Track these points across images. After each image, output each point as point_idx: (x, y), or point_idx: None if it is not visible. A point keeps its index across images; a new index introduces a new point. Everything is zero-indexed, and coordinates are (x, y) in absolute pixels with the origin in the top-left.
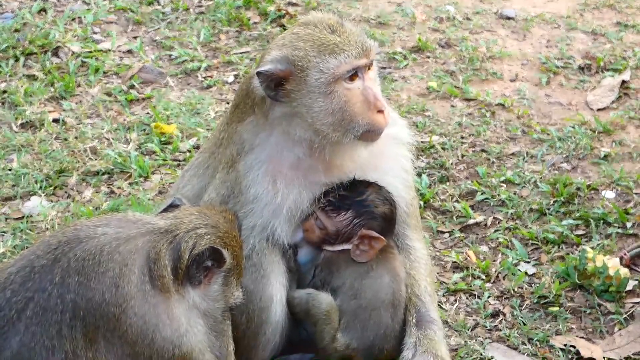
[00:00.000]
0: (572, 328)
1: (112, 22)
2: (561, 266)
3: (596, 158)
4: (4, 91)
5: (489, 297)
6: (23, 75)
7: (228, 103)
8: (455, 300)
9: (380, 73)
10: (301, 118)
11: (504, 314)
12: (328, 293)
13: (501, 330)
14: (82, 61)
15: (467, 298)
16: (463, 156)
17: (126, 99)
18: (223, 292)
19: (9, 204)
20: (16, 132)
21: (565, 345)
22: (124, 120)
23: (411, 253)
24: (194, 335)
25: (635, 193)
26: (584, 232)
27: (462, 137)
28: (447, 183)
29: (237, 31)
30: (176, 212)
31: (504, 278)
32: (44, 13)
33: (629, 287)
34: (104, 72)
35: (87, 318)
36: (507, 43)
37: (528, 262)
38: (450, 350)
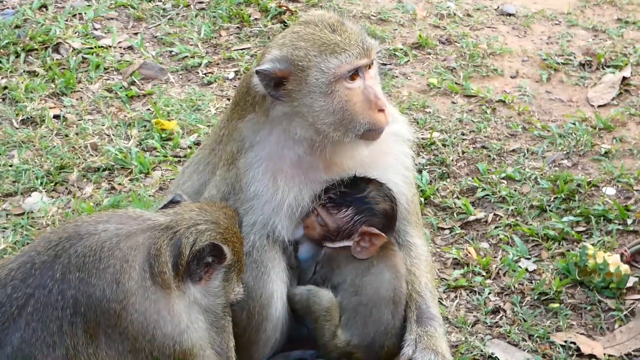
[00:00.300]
0: (573, 324)
1: (113, 19)
2: (562, 263)
3: (597, 155)
4: (5, 87)
5: (490, 294)
6: (24, 71)
7: (229, 99)
8: (455, 296)
9: (380, 70)
10: (302, 117)
11: (505, 311)
12: (329, 290)
13: (501, 326)
14: (83, 57)
15: (468, 294)
16: (464, 153)
17: (127, 95)
18: (224, 288)
19: (10, 200)
20: (17, 128)
21: (565, 341)
22: (125, 116)
23: (412, 250)
24: (195, 331)
25: (635, 190)
26: (585, 229)
27: (463, 134)
28: (448, 179)
29: (238, 27)
30: (177, 209)
31: (505, 274)
32: (45, 9)
33: (630, 284)
34: (105, 69)
35: (88, 314)
36: (508, 39)
37: (528, 259)
38: (450, 346)
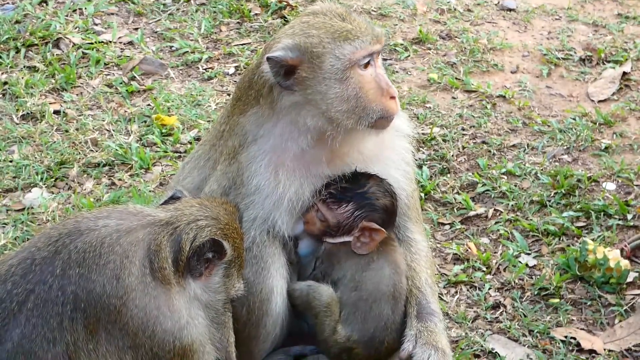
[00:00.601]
0: (573, 320)
1: (113, 14)
2: (562, 258)
3: (597, 150)
4: (5, 83)
5: (490, 289)
6: (24, 66)
7: (229, 95)
8: (455, 292)
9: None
10: (314, 106)
11: (505, 306)
12: (329, 285)
13: (502, 322)
14: (83, 53)
15: (468, 290)
16: (464, 148)
17: (127, 91)
18: (224, 284)
19: (10, 196)
20: (17, 124)
21: (565, 337)
22: (125, 111)
23: (412, 245)
24: (195, 327)
25: (635, 185)
26: (585, 224)
27: (463, 129)
28: (448, 175)
29: (238, 23)
30: (177, 204)
31: (505, 270)
32: (45, 4)
33: (630, 279)
34: (105, 64)
35: (88, 310)
36: (508, 35)
37: (529, 254)
38: (450, 341)
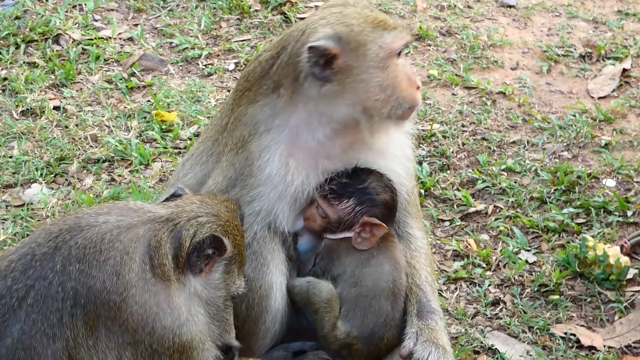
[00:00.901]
0: (573, 316)
1: (113, 10)
2: (562, 254)
3: (597, 146)
4: (5, 78)
5: (490, 286)
6: (24, 62)
7: (229, 91)
8: (455, 288)
9: None
10: (353, 95)
11: (505, 302)
12: (328, 281)
13: (501, 318)
14: (83, 49)
15: (468, 286)
16: (464, 144)
17: (127, 87)
18: (224, 281)
19: (10, 192)
20: (17, 120)
21: (565, 333)
22: (125, 107)
23: (411, 242)
24: (195, 324)
25: (635, 181)
26: (585, 221)
27: (463, 126)
28: (448, 171)
29: (238, 19)
30: (178, 201)
31: (505, 266)
32: (45, 0)
33: (630, 276)
34: (105, 60)
35: (88, 306)
36: (508, 31)
37: (528, 251)
38: (450, 338)
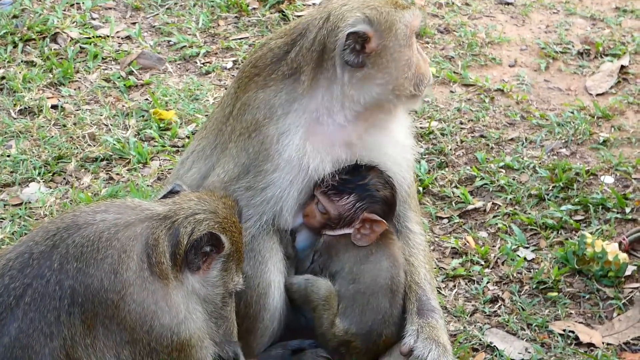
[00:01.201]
0: (571, 313)
1: (111, 8)
2: (560, 251)
3: (595, 143)
4: (2, 77)
5: (488, 283)
6: (21, 61)
7: (227, 89)
8: (454, 285)
9: None
10: (387, 74)
11: (503, 300)
12: (326, 279)
13: (500, 315)
14: (81, 47)
15: (466, 284)
16: (462, 142)
17: (125, 85)
18: (222, 278)
19: (8, 191)
20: (14, 119)
21: (564, 330)
22: (123, 106)
23: (410, 238)
24: (193, 322)
25: (634, 178)
26: (583, 218)
27: (461, 123)
28: (446, 169)
29: (236, 17)
30: (175, 198)
31: (503, 263)
32: None
33: (628, 272)
34: (103, 58)
35: (86, 304)
36: (506, 28)
37: (527, 248)
38: (449, 336)
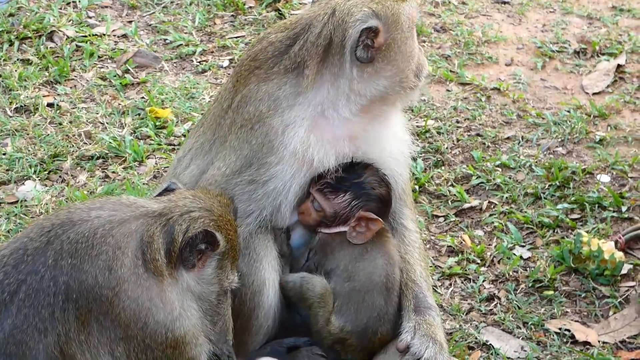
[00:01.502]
0: (567, 312)
1: (107, 7)
2: (556, 250)
3: (591, 142)
4: None
5: (484, 281)
6: (17, 59)
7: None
8: (450, 284)
9: None
10: (395, 67)
11: (499, 298)
12: (322, 276)
13: (496, 314)
14: (77, 45)
15: (462, 282)
16: (458, 140)
17: (121, 84)
18: (217, 276)
19: (3, 189)
20: (10, 117)
21: (560, 329)
22: (119, 104)
23: (405, 236)
24: (187, 319)
25: (630, 177)
26: (579, 216)
27: (458, 122)
28: (443, 167)
29: (232, 16)
30: (170, 196)
31: (499, 262)
32: None
33: (624, 271)
34: (99, 57)
35: (80, 301)
36: (503, 27)
37: (523, 246)
38: (445, 334)
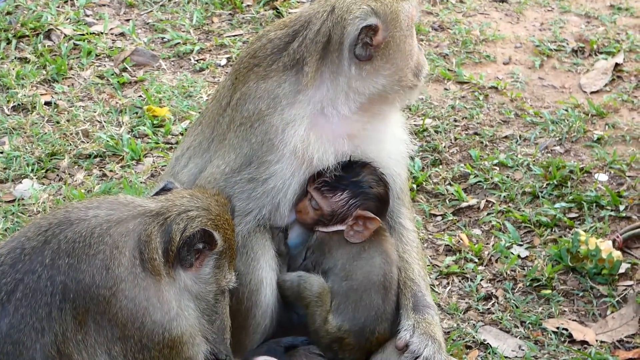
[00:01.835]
0: (565, 311)
1: (105, 5)
2: (554, 249)
3: (589, 141)
4: None
5: (482, 280)
6: (15, 57)
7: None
8: (448, 283)
9: None
10: (394, 66)
11: (497, 297)
12: (319, 275)
13: (494, 313)
14: (75, 44)
15: (460, 281)
16: (456, 139)
17: (118, 82)
18: (215, 275)
19: (0, 187)
20: (8, 115)
21: (557, 328)
22: (116, 103)
23: (403, 235)
24: (185, 319)
25: (628, 176)
26: (577, 215)
27: (455, 120)
28: (440, 166)
29: (230, 14)
30: (168, 195)
31: (497, 261)
32: None
33: (622, 270)
34: (96, 55)
35: (77, 300)
36: (501, 26)
37: (521, 245)
38: (443, 332)
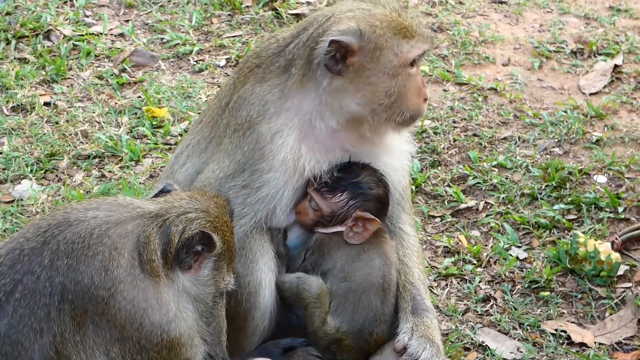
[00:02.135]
0: (563, 313)
1: (104, 5)
2: (552, 251)
3: (588, 142)
4: None
5: (480, 282)
6: (14, 58)
7: (219, 86)
8: (446, 284)
9: None
10: (359, 93)
11: (495, 299)
12: (318, 276)
13: (492, 315)
14: (74, 44)
15: (458, 283)
16: (455, 140)
17: (117, 83)
18: (213, 277)
19: None
20: (7, 116)
21: (556, 330)
22: (115, 103)
23: (404, 239)
24: (183, 320)
25: (627, 177)
26: (576, 217)
27: (454, 122)
28: (439, 167)
29: (229, 15)
30: (167, 197)
31: (495, 263)
32: None
33: (620, 272)
34: (96, 56)
35: (76, 301)
36: (500, 27)
37: (519, 247)
38: (441, 334)
